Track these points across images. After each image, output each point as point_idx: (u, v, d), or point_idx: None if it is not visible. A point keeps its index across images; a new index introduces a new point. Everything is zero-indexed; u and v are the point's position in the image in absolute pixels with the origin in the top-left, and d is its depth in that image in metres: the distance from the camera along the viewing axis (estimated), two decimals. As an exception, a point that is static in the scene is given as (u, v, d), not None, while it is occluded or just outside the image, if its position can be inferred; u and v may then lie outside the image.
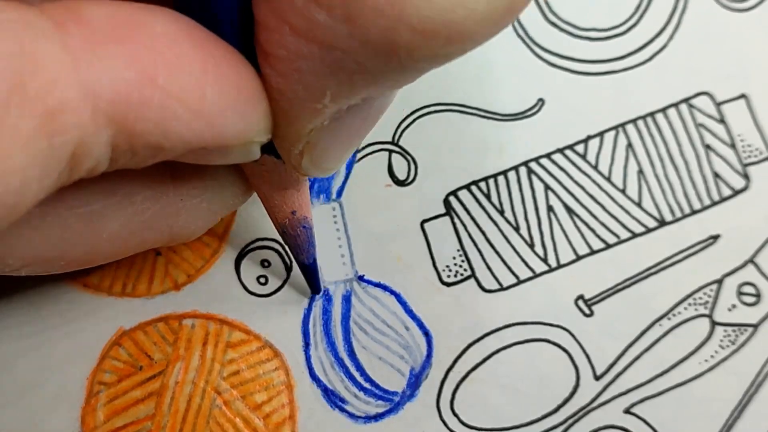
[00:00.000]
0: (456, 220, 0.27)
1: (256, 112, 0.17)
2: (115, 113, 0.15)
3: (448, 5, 0.14)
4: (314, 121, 0.17)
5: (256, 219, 0.27)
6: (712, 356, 0.26)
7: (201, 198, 0.22)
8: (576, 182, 0.27)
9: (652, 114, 0.28)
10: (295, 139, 0.18)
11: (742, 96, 0.28)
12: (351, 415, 0.25)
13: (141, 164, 0.17)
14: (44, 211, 0.16)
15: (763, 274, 0.27)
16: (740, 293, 0.27)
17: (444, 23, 0.14)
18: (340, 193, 0.27)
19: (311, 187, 0.27)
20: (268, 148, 0.19)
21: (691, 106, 0.28)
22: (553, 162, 0.28)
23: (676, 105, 0.28)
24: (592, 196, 0.27)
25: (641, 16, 0.29)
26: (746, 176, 0.28)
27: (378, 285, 0.26)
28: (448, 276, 0.27)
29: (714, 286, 0.27)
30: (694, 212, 0.27)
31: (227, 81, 0.16)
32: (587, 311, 0.26)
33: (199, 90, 0.16)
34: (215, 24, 0.17)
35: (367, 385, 0.26)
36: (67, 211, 0.20)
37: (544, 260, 0.27)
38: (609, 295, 0.27)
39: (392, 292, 0.26)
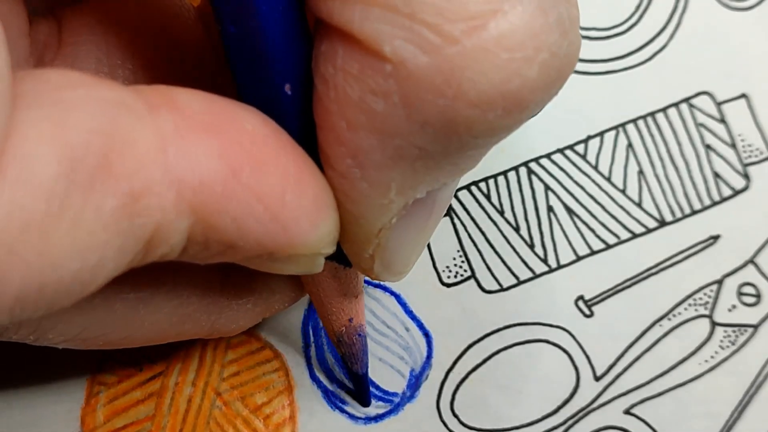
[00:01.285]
0: (456, 220, 0.27)
1: (328, 224, 0.17)
2: (197, 202, 0.15)
3: (503, 76, 0.14)
4: (382, 218, 0.17)
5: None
6: (712, 357, 0.26)
7: (247, 300, 0.22)
8: (576, 182, 0.27)
9: (652, 114, 0.28)
10: (365, 242, 0.18)
11: (743, 96, 0.28)
12: (351, 416, 0.26)
13: (208, 260, 0.17)
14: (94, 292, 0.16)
15: (763, 274, 0.27)
16: (740, 293, 0.27)
17: (501, 94, 0.14)
18: (339, 194, 0.27)
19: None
20: (334, 255, 0.19)
21: (691, 105, 0.28)
22: (553, 162, 0.28)
23: (676, 105, 0.28)
24: (592, 197, 0.27)
25: (641, 16, 0.29)
26: (746, 176, 0.28)
27: (378, 286, 0.26)
28: (448, 277, 0.27)
29: (714, 287, 0.27)
30: (694, 212, 0.27)
31: (307, 188, 0.16)
32: (587, 312, 0.26)
33: (280, 193, 0.16)
34: (285, 130, 0.17)
35: (367, 386, 0.26)
36: (114, 296, 0.20)
37: (544, 261, 0.27)
38: (609, 296, 0.27)
39: (392, 293, 0.26)
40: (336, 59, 0.15)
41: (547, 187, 0.27)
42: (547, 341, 0.26)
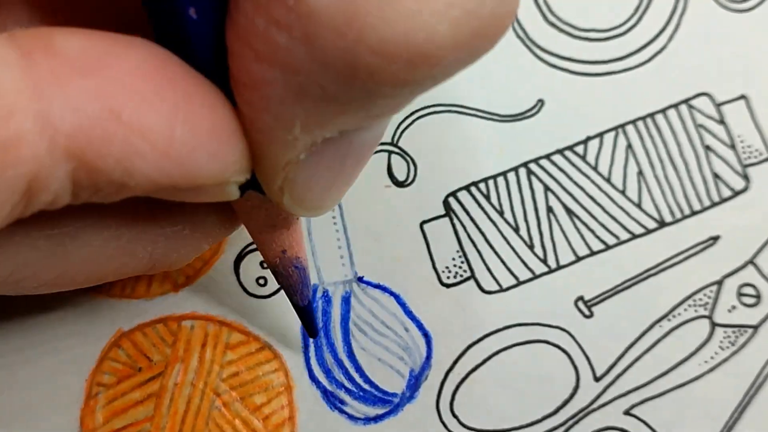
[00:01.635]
0: (455, 221, 0.27)
1: (231, 152, 0.17)
2: (74, 148, 0.15)
3: (408, 27, 0.14)
4: (287, 153, 0.17)
5: (255, 220, 0.27)
6: (712, 357, 0.26)
7: (181, 226, 0.22)
8: (576, 183, 0.27)
9: (651, 115, 0.28)
10: (272, 174, 0.18)
11: (742, 97, 0.28)
12: (350, 417, 0.25)
13: (106, 200, 0.16)
14: (12, 230, 0.15)
15: (763, 275, 0.27)
16: (740, 294, 0.27)
17: (405, 46, 0.14)
18: (339, 194, 0.27)
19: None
20: (254, 185, 0.18)
21: (690, 106, 0.28)
22: (553, 163, 0.28)
23: (675, 106, 0.28)
24: (591, 197, 0.27)
25: (641, 17, 0.29)
26: (746, 177, 0.28)
27: (377, 286, 0.26)
28: (448, 277, 0.27)
29: (714, 287, 0.27)
30: (694, 213, 0.27)
31: (200, 119, 0.16)
32: (587, 312, 0.26)
33: (168, 128, 0.15)
34: (188, 56, 0.16)
35: (366, 386, 0.26)
36: (36, 233, 0.19)
37: (544, 261, 0.27)
38: (609, 296, 0.27)
39: (392, 294, 0.26)
40: None
41: (546, 188, 0.27)
42: (547, 342, 0.26)
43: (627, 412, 0.26)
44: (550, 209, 0.27)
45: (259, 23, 0.14)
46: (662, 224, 0.27)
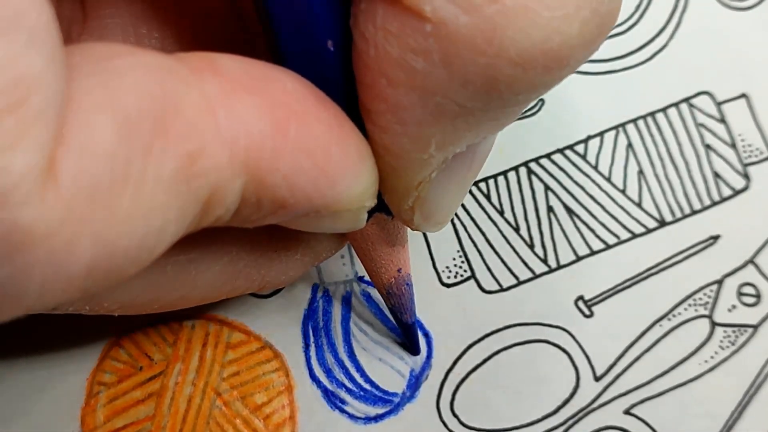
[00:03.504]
0: (456, 220, 0.27)
1: (370, 176, 0.17)
2: (249, 161, 0.15)
3: (545, 34, 0.14)
4: (422, 173, 0.17)
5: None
6: (712, 357, 0.26)
7: (294, 251, 0.22)
8: (576, 182, 0.27)
9: (652, 114, 0.28)
10: (405, 194, 0.18)
11: (743, 95, 0.28)
12: (351, 416, 0.26)
13: (258, 222, 0.17)
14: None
15: (763, 274, 0.27)
16: (740, 294, 0.27)
17: (542, 52, 0.14)
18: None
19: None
20: (378, 206, 0.19)
21: (691, 105, 0.28)
22: (553, 162, 0.28)
23: (676, 104, 0.28)
24: (592, 197, 0.27)
25: (641, 16, 0.29)
26: (746, 176, 0.28)
27: (378, 286, 0.26)
28: (448, 277, 0.27)
29: (714, 287, 0.27)
30: (694, 212, 0.27)
31: (349, 142, 0.17)
32: (587, 312, 0.26)
33: (326, 147, 0.16)
34: (322, 85, 0.17)
35: (367, 386, 0.26)
36: (165, 259, 0.20)
37: (544, 261, 0.27)
38: (609, 296, 0.27)
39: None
40: (376, 18, 0.15)
41: (547, 187, 0.27)
42: (547, 341, 0.26)
43: (627, 412, 0.26)
44: (550, 208, 0.27)
45: (393, 51, 0.15)
46: (662, 223, 0.27)
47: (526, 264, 0.27)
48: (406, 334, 0.25)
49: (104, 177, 0.13)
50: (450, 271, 0.27)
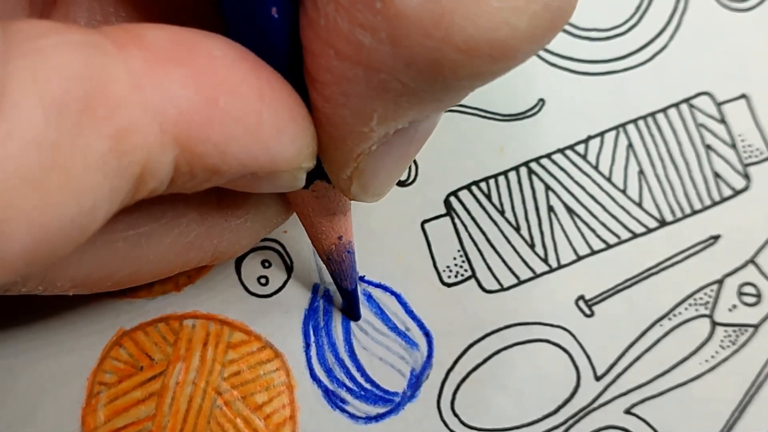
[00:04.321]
0: (456, 220, 0.27)
1: (305, 137, 0.17)
2: (179, 134, 0.15)
3: (492, 24, 0.14)
4: (362, 145, 0.17)
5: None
6: (712, 356, 0.26)
7: (245, 218, 0.22)
8: (576, 182, 0.27)
9: (652, 114, 0.28)
10: (343, 164, 0.18)
11: (743, 96, 0.28)
12: (351, 416, 0.26)
13: (195, 188, 0.17)
14: (94, 235, 0.16)
15: (763, 274, 0.27)
16: (741, 293, 0.27)
17: (488, 42, 0.14)
18: (340, 194, 0.27)
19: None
20: (318, 173, 0.19)
21: (691, 106, 0.28)
22: (554, 162, 0.28)
23: (676, 105, 0.28)
24: (592, 197, 0.27)
25: (642, 16, 0.29)
26: (747, 176, 0.28)
27: (378, 285, 0.26)
28: (449, 276, 0.27)
29: (714, 287, 0.27)
30: (694, 212, 0.27)
31: (281, 105, 0.17)
32: (588, 311, 0.26)
33: (257, 113, 0.16)
34: (265, 52, 0.17)
35: (367, 385, 0.26)
36: (115, 234, 0.20)
37: (545, 260, 0.27)
38: (609, 296, 0.27)
39: (393, 293, 0.26)
40: None
41: (547, 187, 0.27)
42: (548, 341, 0.26)
43: (628, 411, 0.26)
44: (551, 208, 0.27)
45: (342, 24, 0.15)
46: (663, 223, 0.27)
47: (526, 263, 0.27)
48: (346, 300, 0.25)
49: (32, 162, 0.13)
50: (450, 271, 0.27)
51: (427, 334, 0.26)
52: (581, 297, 0.27)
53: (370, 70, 0.15)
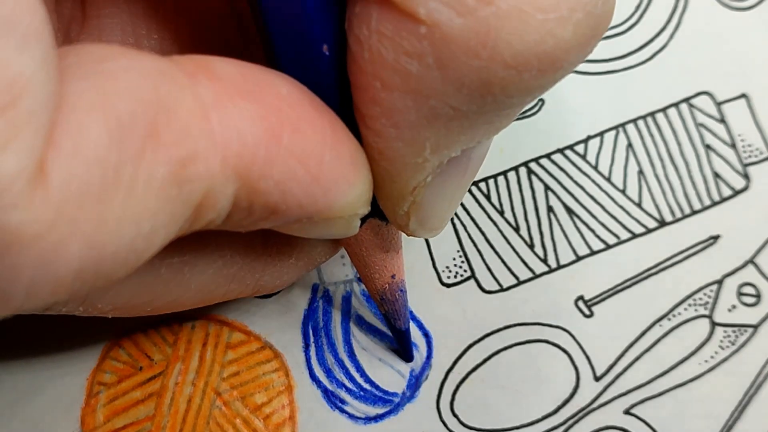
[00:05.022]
0: (456, 220, 0.27)
1: (364, 183, 0.17)
2: (241, 167, 0.15)
3: (538, 37, 0.14)
4: (417, 177, 0.17)
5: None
6: (712, 357, 0.26)
7: (289, 256, 0.22)
8: (576, 182, 0.27)
9: (652, 114, 0.28)
10: (400, 199, 0.18)
11: (743, 96, 0.28)
12: (351, 416, 0.26)
13: (250, 227, 0.17)
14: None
15: (763, 274, 0.27)
16: (740, 294, 0.27)
17: (536, 55, 0.14)
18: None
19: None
20: (373, 211, 0.19)
21: (691, 105, 0.28)
22: (553, 162, 0.28)
23: (676, 105, 0.28)
24: (592, 197, 0.27)
25: (641, 16, 0.29)
26: (746, 176, 0.28)
27: (378, 286, 0.26)
28: (448, 277, 0.27)
29: (714, 287, 0.27)
30: (694, 212, 0.27)
31: (343, 149, 0.17)
32: (587, 312, 0.26)
33: (319, 155, 0.16)
34: (316, 89, 0.17)
35: (367, 386, 0.26)
36: (159, 261, 0.20)
37: (544, 261, 0.27)
38: (609, 296, 0.27)
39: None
40: (370, 21, 0.15)
41: (547, 187, 0.27)
42: (547, 341, 0.26)
43: (627, 412, 0.26)
44: (550, 208, 0.27)
45: (387, 54, 0.15)
46: (662, 223, 0.27)
47: (526, 264, 0.27)
48: (400, 340, 0.25)
49: (94, 181, 0.13)
50: (450, 271, 0.27)
51: (426, 335, 0.26)
52: (581, 297, 0.27)
53: (420, 98, 0.15)
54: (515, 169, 0.28)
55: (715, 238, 0.27)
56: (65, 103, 0.13)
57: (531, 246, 0.27)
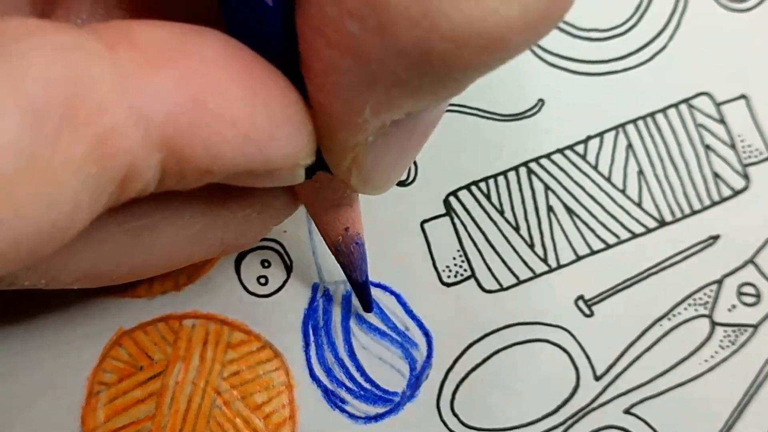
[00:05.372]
0: (456, 220, 0.27)
1: (302, 135, 0.17)
2: (165, 137, 0.15)
3: (481, 14, 0.14)
4: (357, 136, 0.17)
5: (256, 219, 0.27)
6: (712, 356, 0.26)
7: (251, 209, 0.22)
8: (576, 182, 0.27)
9: (652, 114, 0.28)
10: (340, 155, 0.18)
11: (742, 96, 0.28)
12: (351, 416, 0.26)
13: (189, 186, 0.17)
14: (94, 227, 0.16)
15: (763, 274, 0.27)
16: (740, 293, 0.27)
17: (477, 32, 0.14)
18: (340, 194, 0.27)
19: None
20: (321, 165, 0.19)
21: (691, 106, 0.28)
22: (553, 162, 0.28)
23: (676, 105, 0.28)
24: (592, 197, 0.27)
25: (641, 17, 0.29)
26: (746, 176, 0.28)
27: (378, 285, 0.26)
28: (448, 276, 0.27)
29: (714, 287, 0.27)
30: (694, 212, 0.27)
31: (276, 105, 0.16)
32: (587, 311, 0.26)
33: (249, 114, 0.16)
34: (262, 42, 0.17)
35: (367, 385, 0.26)
36: (116, 227, 0.20)
37: (544, 260, 0.27)
38: (609, 296, 0.27)
39: (392, 293, 0.26)
40: None
41: (547, 187, 0.27)
42: (547, 341, 0.26)
43: (627, 411, 0.26)
44: (550, 208, 0.27)
45: (332, 12, 0.15)
46: (662, 223, 0.27)
47: (526, 263, 0.27)
48: (358, 292, 0.25)
49: (7, 166, 0.13)
50: (450, 271, 0.27)
51: (426, 334, 0.26)
52: (581, 297, 0.27)
53: (360, 60, 0.15)
54: (515, 169, 0.28)
55: (715, 238, 0.27)
56: None
57: (531, 246, 0.27)
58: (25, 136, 0.13)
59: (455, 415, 0.26)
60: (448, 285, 0.27)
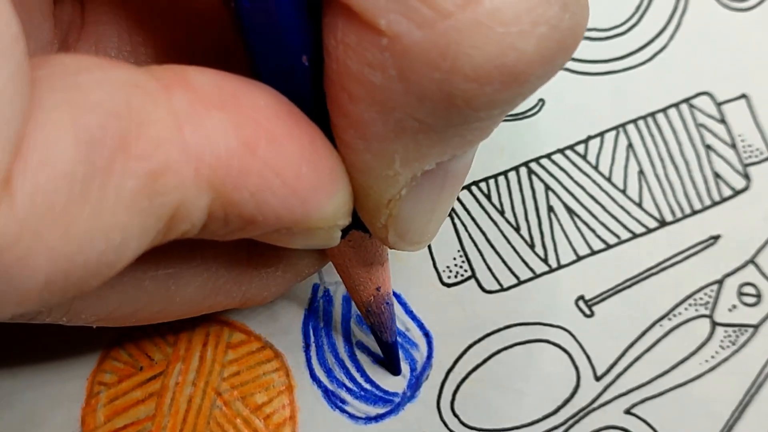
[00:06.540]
0: (456, 220, 0.27)
1: (342, 194, 0.17)
2: (215, 179, 0.15)
3: (499, 50, 0.14)
4: (390, 190, 0.17)
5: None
6: (712, 357, 0.26)
7: (275, 268, 0.22)
8: (576, 182, 0.27)
9: (652, 114, 0.28)
10: (376, 212, 0.18)
11: (743, 96, 0.28)
12: (351, 416, 0.26)
13: (228, 236, 0.17)
14: (122, 272, 0.16)
15: (763, 274, 0.27)
16: (741, 293, 0.27)
17: (497, 68, 0.14)
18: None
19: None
20: (355, 224, 0.19)
21: (691, 106, 0.28)
22: (554, 162, 0.28)
23: (676, 105, 0.28)
24: (592, 197, 0.27)
25: (642, 16, 0.29)
26: (747, 176, 0.28)
27: (378, 285, 0.26)
28: (449, 277, 0.27)
29: (714, 287, 0.27)
30: (694, 212, 0.27)
31: (321, 161, 0.16)
32: (588, 312, 0.26)
33: (296, 166, 0.16)
34: (296, 100, 0.17)
35: (367, 385, 0.26)
36: (143, 273, 0.20)
37: (545, 261, 0.27)
38: (609, 296, 0.27)
39: (392, 293, 0.26)
40: (336, 32, 0.15)
41: (547, 187, 0.27)
42: (548, 341, 0.26)
43: (628, 412, 0.26)
44: (550, 208, 0.27)
45: (352, 65, 0.15)
46: (663, 223, 0.27)
47: (526, 264, 0.27)
48: (387, 353, 0.25)
49: (61, 195, 0.13)
50: (450, 271, 0.27)
51: (426, 335, 0.26)
52: (581, 297, 0.27)
53: (385, 110, 0.15)
54: (515, 169, 0.28)
55: (716, 238, 0.27)
56: (35, 116, 0.13)
57: (531, 246, 0.27)
58: (79, 165, 0.13)
59: (455, 415, 0.26)
60: (449, 285, 0.27)
